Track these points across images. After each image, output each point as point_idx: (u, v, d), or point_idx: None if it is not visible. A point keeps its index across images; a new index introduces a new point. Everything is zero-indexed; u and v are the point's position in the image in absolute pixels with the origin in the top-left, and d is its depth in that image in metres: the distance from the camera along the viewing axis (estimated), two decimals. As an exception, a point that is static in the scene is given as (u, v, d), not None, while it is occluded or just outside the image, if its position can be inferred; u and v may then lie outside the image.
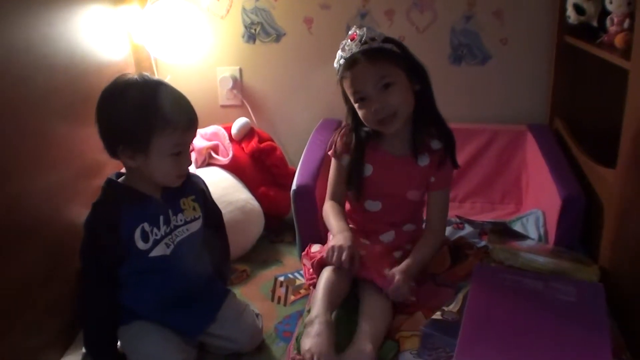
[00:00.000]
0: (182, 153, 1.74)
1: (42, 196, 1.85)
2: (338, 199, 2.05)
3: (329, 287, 1.76)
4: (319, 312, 1.67)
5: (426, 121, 1.98)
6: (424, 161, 1.98)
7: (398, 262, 1.89)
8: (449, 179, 2.03)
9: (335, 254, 1.78)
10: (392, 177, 2.00)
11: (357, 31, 1.89)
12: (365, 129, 1.99)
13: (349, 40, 1.90)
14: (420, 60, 1.94)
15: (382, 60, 1.85)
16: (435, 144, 1.99)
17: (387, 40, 1.90)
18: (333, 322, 1.68)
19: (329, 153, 2.08)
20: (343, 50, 1.91)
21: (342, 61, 1.91)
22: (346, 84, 1.91)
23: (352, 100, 1.92)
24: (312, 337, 1.60)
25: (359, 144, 2.00)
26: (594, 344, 1.51)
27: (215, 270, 1.98)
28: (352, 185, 2.02)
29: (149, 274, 1.78)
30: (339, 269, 1.79)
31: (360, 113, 1.92)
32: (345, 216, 2.02)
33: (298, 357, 1.59)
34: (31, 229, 1.79)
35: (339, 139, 2.05)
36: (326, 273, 1.80)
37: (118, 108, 1.68)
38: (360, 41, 1.87)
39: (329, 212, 2.02)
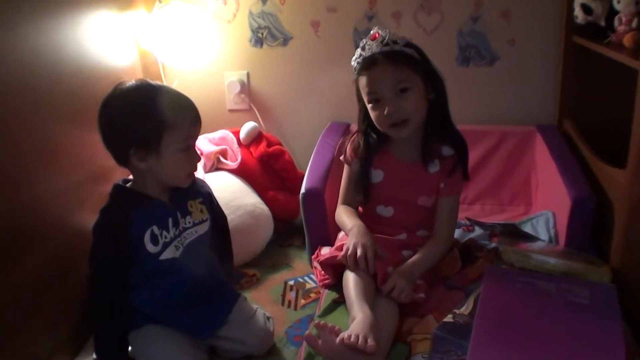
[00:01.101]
0: (190, 148, 1.78)
1: (51, 201, 1.85)
2: (349, 203, 2.06)
3: (361, 288, 1.75)
4: (357, 310, 1.67)
5: (438, 130, 1.98)
6: (434, 167, 1.97)
7: (406, 261, 1.90)
8: (459, 187, 2.02)
9: (353, 256, 1.80)
10: (402, 184, 1.99)
11: (380, 31, 1.89)
12: (375, 133, 1.99)
13: (370, 40, 1.89)
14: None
15: (401, 64, 1.86)
16: (446, 151, 1.99)
17: (408, 44, 1.90)
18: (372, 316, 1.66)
19: (341, 158, 2.08)
20: (363, 49, 1.91)
21: (360, 59, 1.91)
22: (362, 83, 1.91)
23: (365, 100, 1.92)
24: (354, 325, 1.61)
25: (367, 147, 2.00)
26: (607, 346, 1.50)
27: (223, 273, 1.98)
28: (360, 189, 2.01)
29: (159, 277, 1.78)
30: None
31: (372, 114, 1.92)
32: (358, 216, 2.02)
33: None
34: (41, 233, 1.79)
35: (349, 144, 2.05)
36: (351, 277, 1.79)
37: (124, 113, 1.71)
38: (382, 42, 1.87)
39: (342, 213, 2.03)
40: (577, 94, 2.59)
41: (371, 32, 1.92)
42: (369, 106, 1.92)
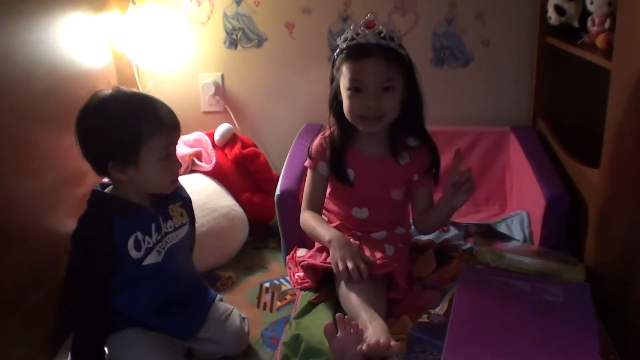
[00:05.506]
0: (170, 155, 1.74)
1: (24, 204, 1.83)
2: (315, 208, 2.02)
3: (363, 296, 1.71)
4: (368, 320, 1.62)
5: (408, 131, 1.97)
6: (404, 160, 1.97)
7: (391, 257, 1.89)
8: (432, 180, 2.02)
9: (346, 272, 1.75)
10: (374, 178, 1.97)
11: (376, 22, 1.85)
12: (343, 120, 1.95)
13: (366, 27, 1.84)
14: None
15: (394, 63, 1.84)
16: (412, 141, 1.98)
17: (401, 46, 1.88)
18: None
19: (305, 164, 2.05)
20: (357, 34, 1.85)
21: (353, 43, 1.85)
22: (347, 67, 1.85)
23: (343, 86, 1.88)
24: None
25: (341, 129, 1.97)
26: (582, 344, 1.51)
27: None
28: (344, 179, 1.98)
29: (141, 281, 1.77)
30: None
31: (347, 102, 1.87)
32: (326, 222, 2.01)
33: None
34: (14, 237, 1.76)
35: (312, 148, 2.02)
36: (351, 289, 1.75)
37: (102, 126, 1.67)
38: (378, 33, 1.83)
39: (310, 220, 1.98)
40: (551, 95, 2.62)
41: (366, 17, 1.86)
42: (346, 93, 1.87)
